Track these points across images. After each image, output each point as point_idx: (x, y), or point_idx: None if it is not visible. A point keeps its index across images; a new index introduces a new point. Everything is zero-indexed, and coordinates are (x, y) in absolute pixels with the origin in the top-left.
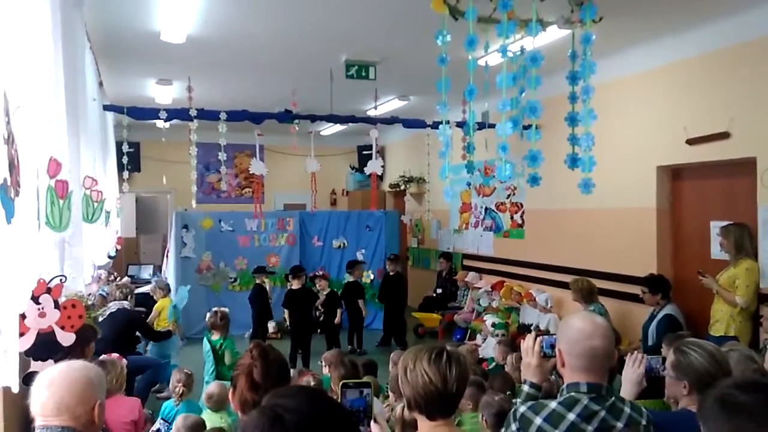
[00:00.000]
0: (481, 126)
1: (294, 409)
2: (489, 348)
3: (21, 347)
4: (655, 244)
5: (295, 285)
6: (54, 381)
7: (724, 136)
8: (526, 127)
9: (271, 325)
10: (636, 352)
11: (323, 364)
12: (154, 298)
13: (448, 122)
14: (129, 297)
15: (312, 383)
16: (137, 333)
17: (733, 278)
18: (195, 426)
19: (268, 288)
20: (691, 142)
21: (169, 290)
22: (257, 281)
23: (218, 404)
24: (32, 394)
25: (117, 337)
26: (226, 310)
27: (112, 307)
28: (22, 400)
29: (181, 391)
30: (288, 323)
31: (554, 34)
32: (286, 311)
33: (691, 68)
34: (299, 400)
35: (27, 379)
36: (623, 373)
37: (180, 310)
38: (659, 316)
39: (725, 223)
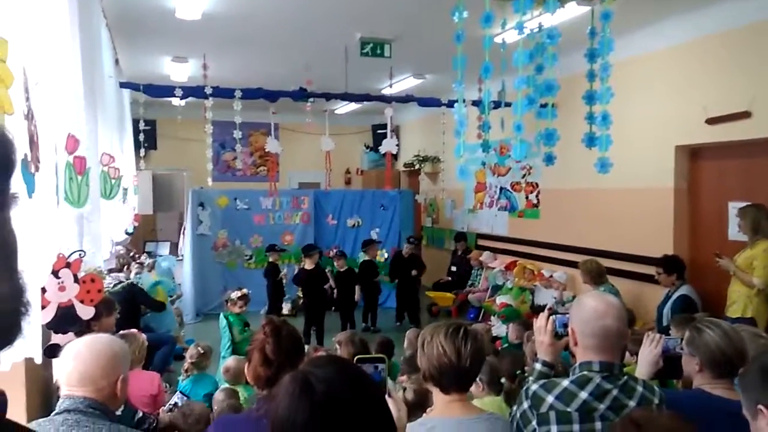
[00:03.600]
0: (497, 104)
1: (325, 379)
2: (502, 327)
3: (42, 320)
4: (672, 224)
5: (308, 265)
6: (80, 352)
7: (745, 115)
8: (543, 106)
9: (285, 303)
10: (652, 332)
11: (337, 347)
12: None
13: (463, 100)
14: (126, 267)
15: None
16: (141, 305)
17: (751, 259)
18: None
19: (282, 272)
20: (711, 121)
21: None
22: (270, 259)
23: (235, 377)
24: (60, 364)
25: (122, 312)
26: (246, 291)
27: (110, 280)
28: (44, 370)
29: (186, 367)
30: (302, 301)
31: (572, 10)
32: (300, 289)
33: (711, 46)
34: (332, 371)
35: (48, 350)
36: (640, 353)
37: (168, 284)
38: (674, 296)
39: (743, 204)
